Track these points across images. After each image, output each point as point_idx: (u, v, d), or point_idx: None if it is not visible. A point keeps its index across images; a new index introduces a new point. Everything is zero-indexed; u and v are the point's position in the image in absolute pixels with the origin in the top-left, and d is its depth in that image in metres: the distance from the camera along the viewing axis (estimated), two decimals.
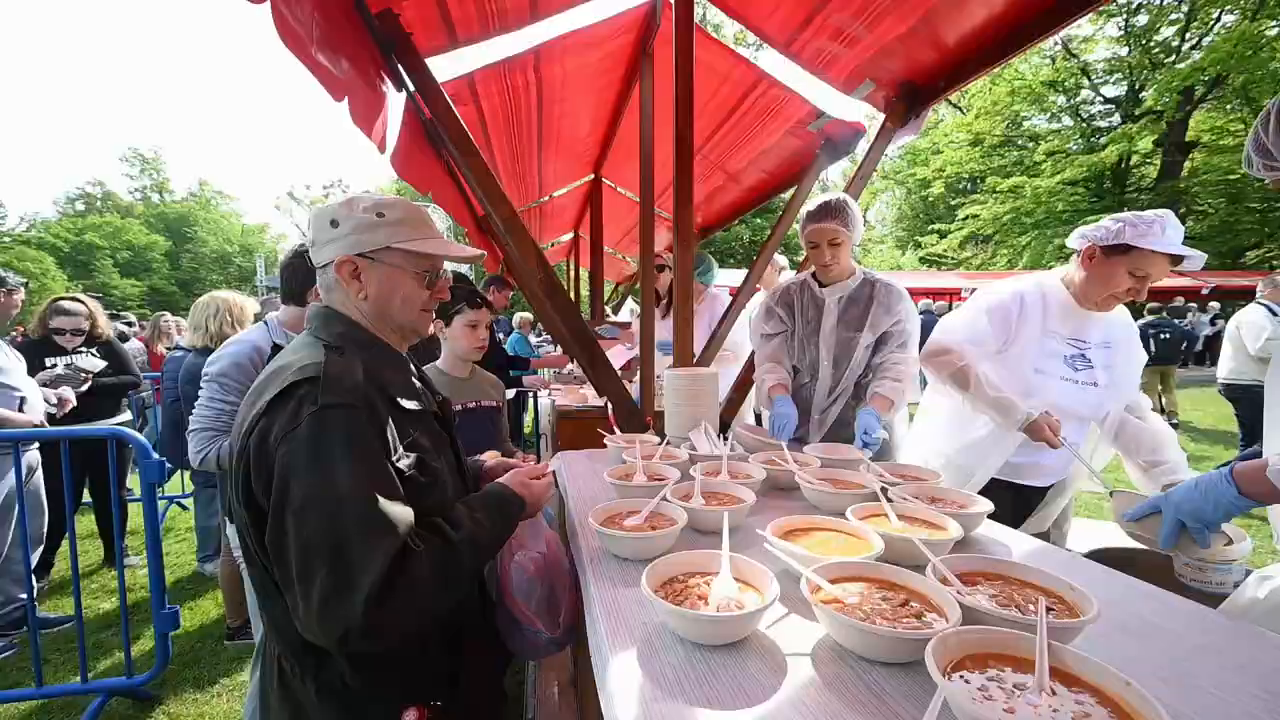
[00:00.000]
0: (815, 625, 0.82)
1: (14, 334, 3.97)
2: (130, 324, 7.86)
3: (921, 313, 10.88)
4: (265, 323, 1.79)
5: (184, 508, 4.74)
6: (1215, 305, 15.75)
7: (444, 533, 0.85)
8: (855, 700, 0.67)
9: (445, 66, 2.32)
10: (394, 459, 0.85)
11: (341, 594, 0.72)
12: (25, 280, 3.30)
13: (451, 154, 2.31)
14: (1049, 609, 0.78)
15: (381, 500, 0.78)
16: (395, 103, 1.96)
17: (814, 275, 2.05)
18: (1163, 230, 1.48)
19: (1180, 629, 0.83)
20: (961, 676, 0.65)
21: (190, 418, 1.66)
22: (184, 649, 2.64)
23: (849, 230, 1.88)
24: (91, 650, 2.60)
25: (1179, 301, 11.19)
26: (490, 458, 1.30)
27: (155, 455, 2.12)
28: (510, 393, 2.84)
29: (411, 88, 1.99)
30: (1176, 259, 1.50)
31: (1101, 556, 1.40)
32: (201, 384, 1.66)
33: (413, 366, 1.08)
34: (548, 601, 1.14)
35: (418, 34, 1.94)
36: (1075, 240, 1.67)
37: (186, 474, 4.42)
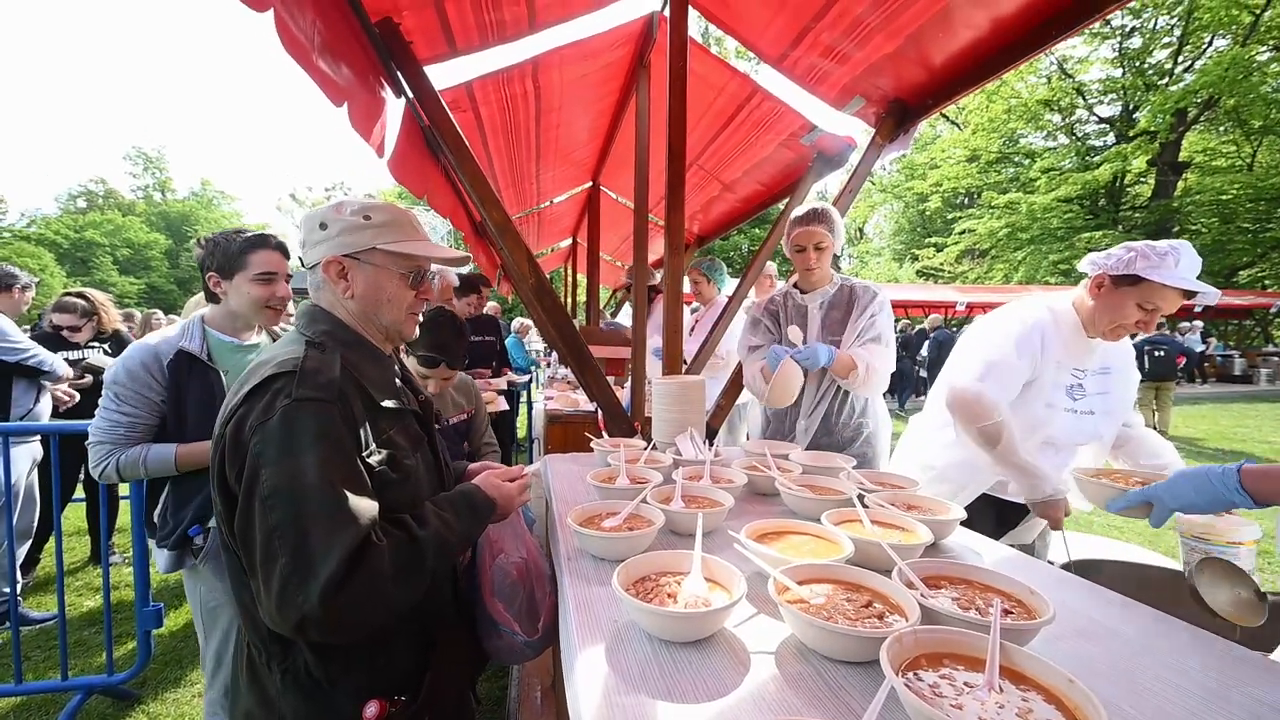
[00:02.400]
0: (782, 625, 0.84)
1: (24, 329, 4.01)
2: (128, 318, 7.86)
3: (933, 329, 10.83)
4: (189, 322, 1.65)
5: None
6: (1199, 324, 15.66)
7: (409, 529, 0.87)
8: (814, 696, 0.69)
9: (444, 74, 2.36)
10: (364, 454, 0.87)
11: (299, 581, 0.74)
12: (37, 279, 3.32)
13: (449, 159, 2.35)
14: (1006, 611, 0.80)
15: (346, 493, 0.79)
16: (394, 108, 2.00)
17: (795, 285, 2.11)
18: (1176, 263, 1.41)
19: (1134, 633, 0.85)
20: (915, 674, 0.67)
21: (90, 428, 1.54)
22: (167, 648, 2.63)
23: (834, 236, 1.97)
24: (74, 648, 2.59)
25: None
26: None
27: None
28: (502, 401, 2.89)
29: (410, 94, 2.03)
30: (1189, 292, 1.42)
31: (1075, 567, 1.43)
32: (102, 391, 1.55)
33: (397, 367, 1.11)
34: (528, 606, 1.15)
35: (417, 43, 1.98)
36: (1086, 266, 1.60)
37: None
